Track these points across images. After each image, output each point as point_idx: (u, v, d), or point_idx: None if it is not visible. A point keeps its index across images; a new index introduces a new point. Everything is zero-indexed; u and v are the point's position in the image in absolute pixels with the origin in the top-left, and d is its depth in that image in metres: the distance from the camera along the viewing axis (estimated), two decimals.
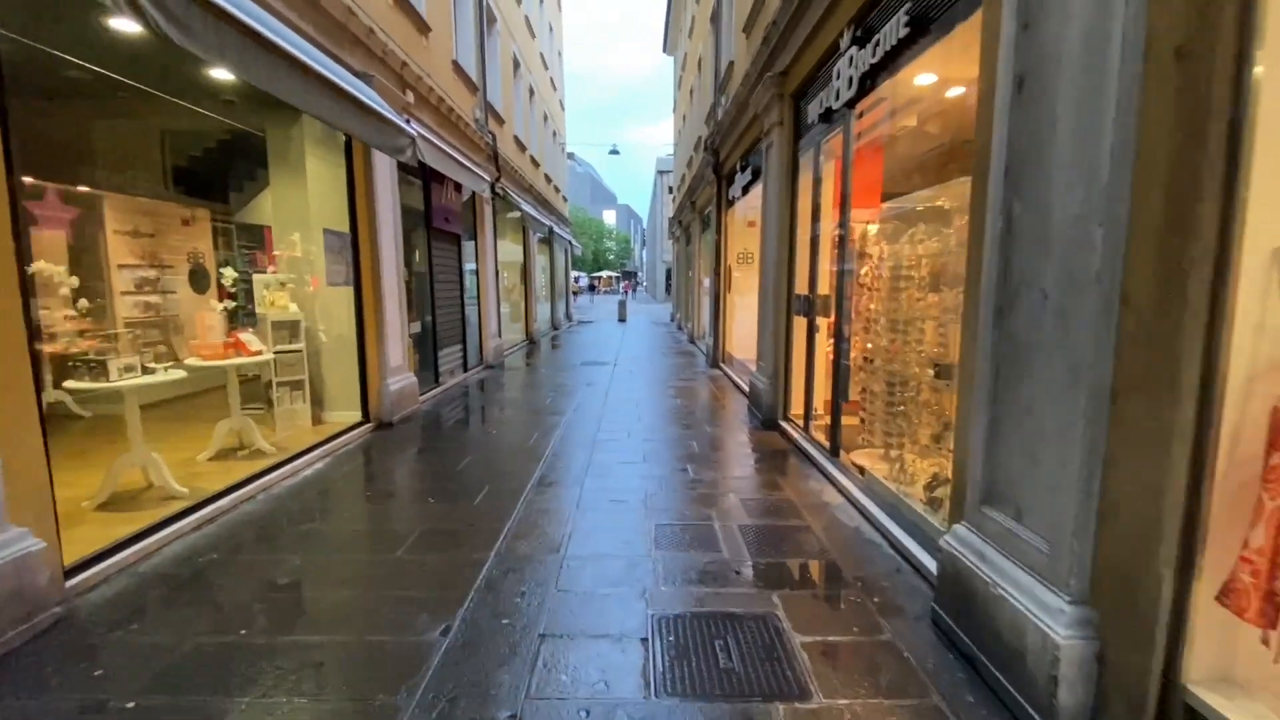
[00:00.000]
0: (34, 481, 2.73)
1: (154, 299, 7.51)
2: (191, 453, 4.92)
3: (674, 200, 23.96)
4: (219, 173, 7.66)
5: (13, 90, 2.79)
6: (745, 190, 8.42)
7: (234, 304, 5.15)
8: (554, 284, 20.32)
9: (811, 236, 5.36)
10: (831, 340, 5.38)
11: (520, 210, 12.44)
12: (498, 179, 11.22)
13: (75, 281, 3.73)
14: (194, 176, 8.11)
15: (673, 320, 23.31)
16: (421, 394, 7.55)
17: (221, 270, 5.16)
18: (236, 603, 2.85)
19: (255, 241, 7.14)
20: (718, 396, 8.17)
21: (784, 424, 6.00)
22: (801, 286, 5.67)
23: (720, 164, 10.26)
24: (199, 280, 7.30)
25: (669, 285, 46.92)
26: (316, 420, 6.12)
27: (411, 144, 5.94)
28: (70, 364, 3.65)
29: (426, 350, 8.25)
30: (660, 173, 42.26)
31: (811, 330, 5.36)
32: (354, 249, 6.02)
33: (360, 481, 4.67)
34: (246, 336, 5.01)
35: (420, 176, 7.98)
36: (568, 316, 23.80)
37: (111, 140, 6.65)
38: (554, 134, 20.63)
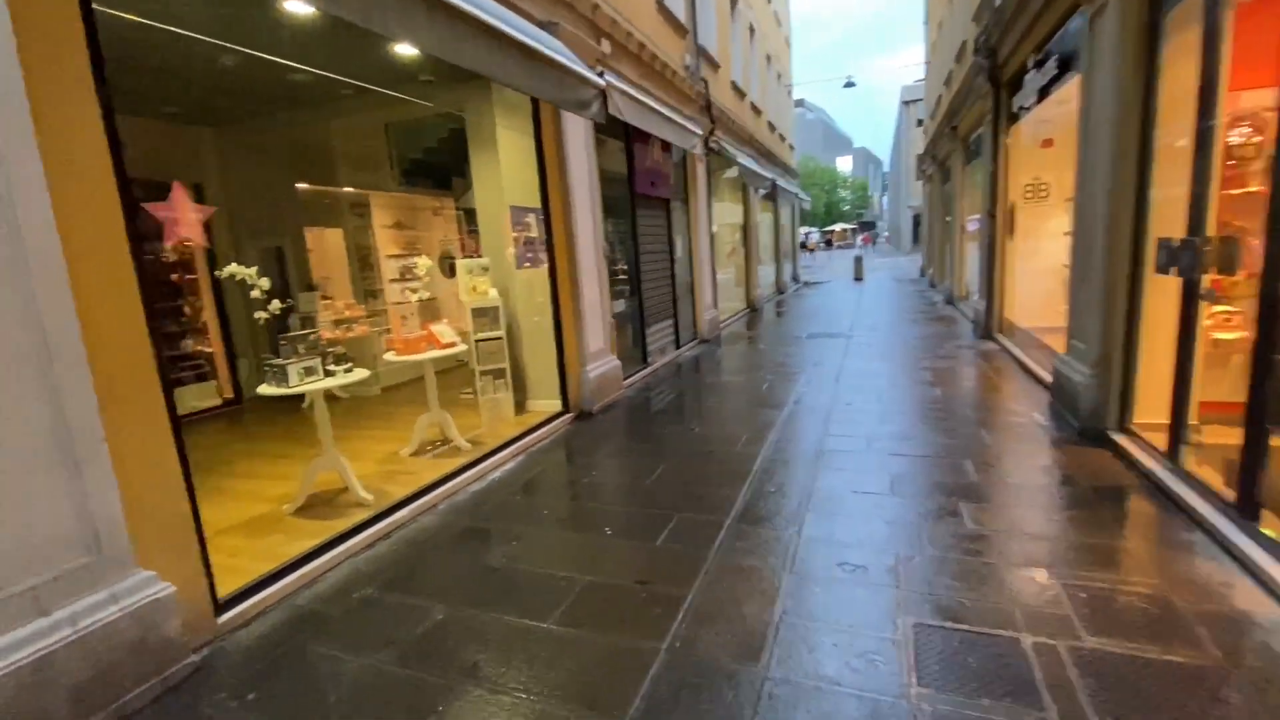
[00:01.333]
0: (170, 513, 2.50)
1: (414, 285, 8.12)
2: (402, 444, 4.89)
3: (925, 133, 20.21)
4: (444, 161, 7.89)
5: (259, 102, 2.49)
6: (1043, 94, 6.00)
7: (427, 295, 4.93)
8: (778, 243, 18.65)
9: (1200, 140, 3.22)
10: (1228, 313, 3.28)
11: (738, 166, 11.17)
12: (711, 132, 10.09)
13: (266, 283, 3.69)
14: (426, 168, 8.54)
15: (923, 275, 19.93)
16: (627, 377, 6.95)
17: (415, 260, 4.97)
18: (360, 671, 2.34)
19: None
20: (995, 384, 6.11)
21: (1121, 439, 3.96)
22: (1170, 225, 3.53)
23: (998, 68, 7.68)
24: (447, 268, 7.60)
25: (916, 234, 41.18)
26: (521, 408, 5.84)
27: (599, 97, 5.12)
28: (263, 367, 3.59)
29: (632, 329, 7.63)
30: (906, 103, 36.71)
31: (1193, 295, 3.27)
32: (546, 225, 5.48)
33: (543, 492, 4.10)
34: (438, 329, 4.76)
35: (622, 136, 7.23)
36: (794, 278, 21.92)
37: (351, 139, 7.11)
38: (778, 76, 18.65)
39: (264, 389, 3.58)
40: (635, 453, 4.80)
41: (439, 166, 8.53)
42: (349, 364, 3.89)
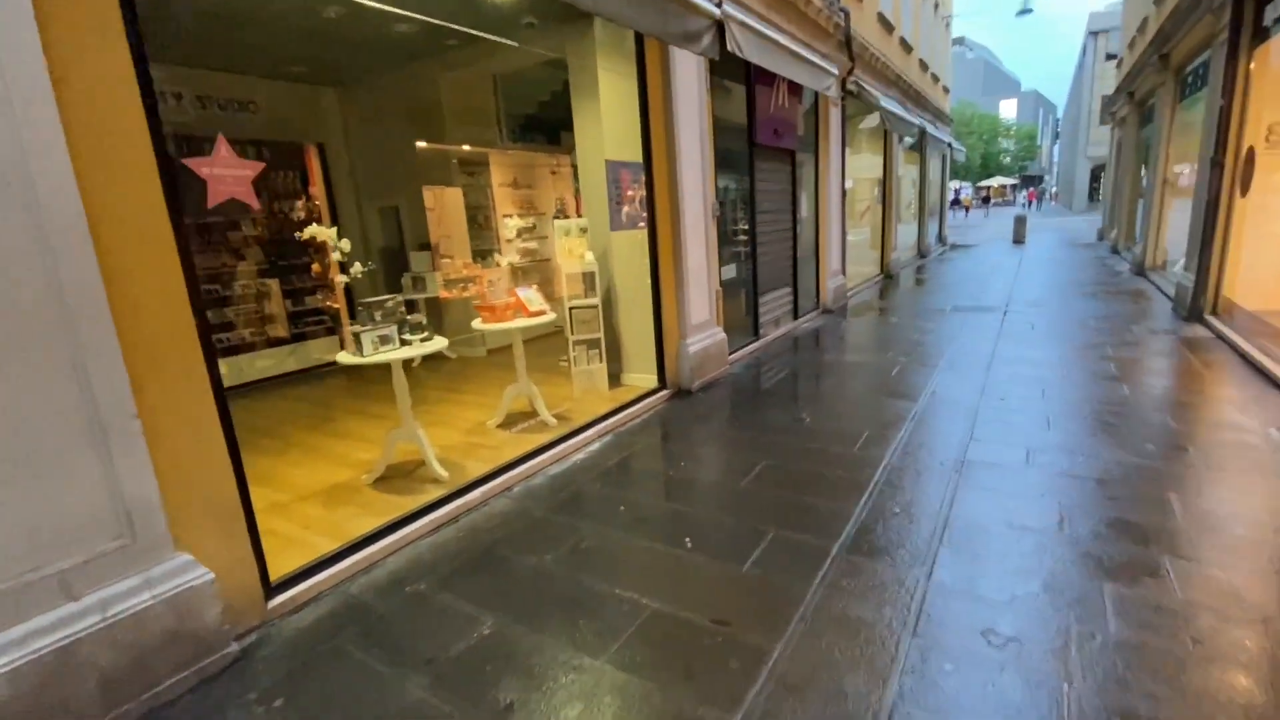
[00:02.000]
0: (215, 494, 2.36)
1: (532, 244, 8.02)
2: (493, 413, 4.70)
3: (1118, 68, 16.83)
4: (559, 116, 7.54)
5: (372, 57, 2.26)
6: None
7: (518, 259, 4.61)
8: (923, 200, 16.61)
9: None
10: None
11: (880, 111, 9.79)
12: (850, 71, 8.85)
13: (347, 246, 3.53)
14: (538, 124, 8.25)
15: (1101, 239, 16.95)
16: (734, 351, 6.33)
17: (505, 220, 4.66)
18: (389, 691, 2.08)
19: None
20: (1207, 384, 4.78)
21: None
22: None
23: None
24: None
25: (1094, 190, 35.42)
26: (616, 381, 5.47)
27: (713, 29, 4.42)
28: (355, 335, 3.44)
29: (743, 297, 6.94)
30: (1094, 34, 31.06)
31: None
32: (648, 181, 4.92)
33: (622, 484, 3.69)
34: (526, 295, 4.44)
35: (741, 78, 6.42)
36: (940, 240, 19.59)
37: (460, 94, 6.93)
38: (935, 6, 16.25)
39: (342, 357, 3.45)
40: (733, 443, 4.24)
41: (552, 122, 8.22)
42: (426, 333, 3.66)
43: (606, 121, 5.04)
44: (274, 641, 2.42)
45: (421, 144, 7.13)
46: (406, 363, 3.66)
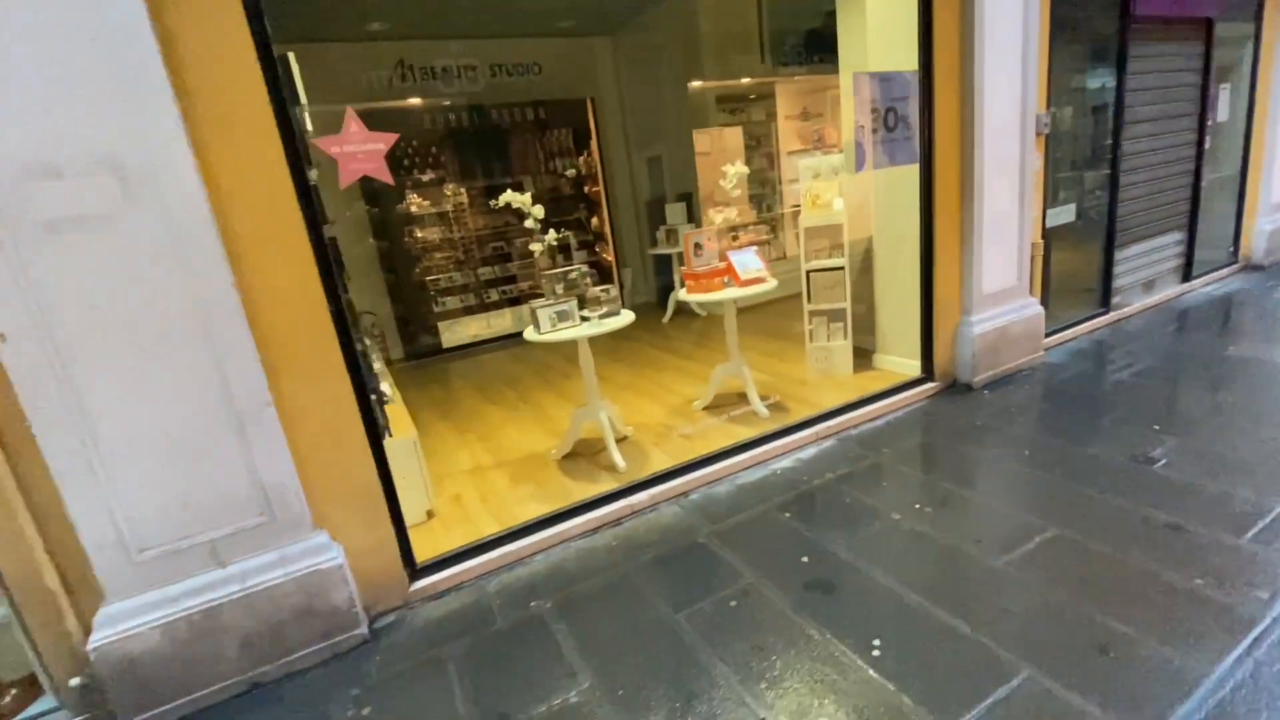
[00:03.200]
0: (354, 478, 2.37)
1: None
2: (702, 391, 4.19)
3: None
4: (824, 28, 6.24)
5: None
6: None
7: (735, 213, 3.85)
8: None
9: None
10: None
11: None
12: None
13: (540, 212, 3.29)
14: (818, 40, 7.01)
15: None
16: (1060, 330, 4.54)
17: (728, 169, 3.89)
18: None
19: None
20: None
21: None
22: None
23: None
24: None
25: None
26: (866, 364, 4.39)
27: None
28: (532, 310, 3.27)
29: (1087, 250, 4.86)
30: None
31: None
32: (925, 97, 3.57)
33: (817, 520, 2.82)
34: (741, 259, 3.68)
35: None
36: None
37: (721, 19, 6.17)
38: None
39: (528, 333, 3.29)
40: (1012, 482, 2.91)
41: (829, 36, 6.87)
42: (606, 309, 3.26)
43: (872, 17, 3.77)
44: (402, 629, 2.41)
45: (695, 83, 6.64)
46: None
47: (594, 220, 7.98)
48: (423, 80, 6.39)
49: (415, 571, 2.61)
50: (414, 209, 6.50)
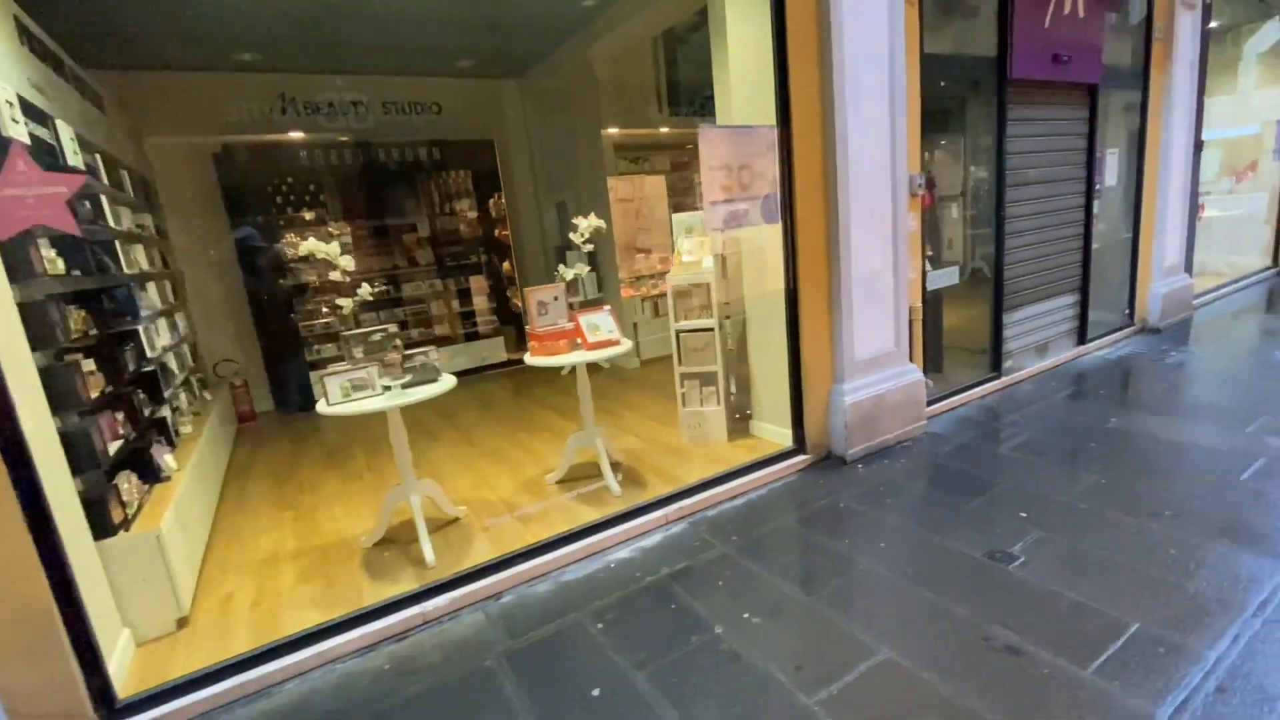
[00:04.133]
0: (20, 599, 1.86)
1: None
2: (555, 464, 3.77)
3: None
4: None
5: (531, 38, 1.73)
6: None
7: (586, 269, 3.53)
8: None
9: None
10: None
11: None
12: None
13: (349, 263, 2.86)
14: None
15: None
16: (944, 397, 4.32)
17: (580, 221, 3.58)
18: None
19: None
20: None
21: None
22: None
23: None
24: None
25: None
26: (741, 432, 4.06)
27: None
28: (322, 378, 2.81)
29: (976, 313, 4.72)
30: None
31: None
32: (783, 152, 3.35)
33: (638, 638, 2.40)
34: (592, 320, 3.33)
35: None
36: None
37: (621, 67, 6.01)
38: None
39: (320, 406, 2.82)
40: (855, 587, 2.55)
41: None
42: (412, 377, 2.84)
43: (734, 68, 3.58)
44: None
45: (607, 130, 6.42)
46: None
47: (505, 265, 7.63)
48: (306, 114, 6.01)
49: (113, 713, 2.07)
50: (290, 250, 6.01)
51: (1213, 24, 7.48)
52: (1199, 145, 5.99)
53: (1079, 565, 2.48)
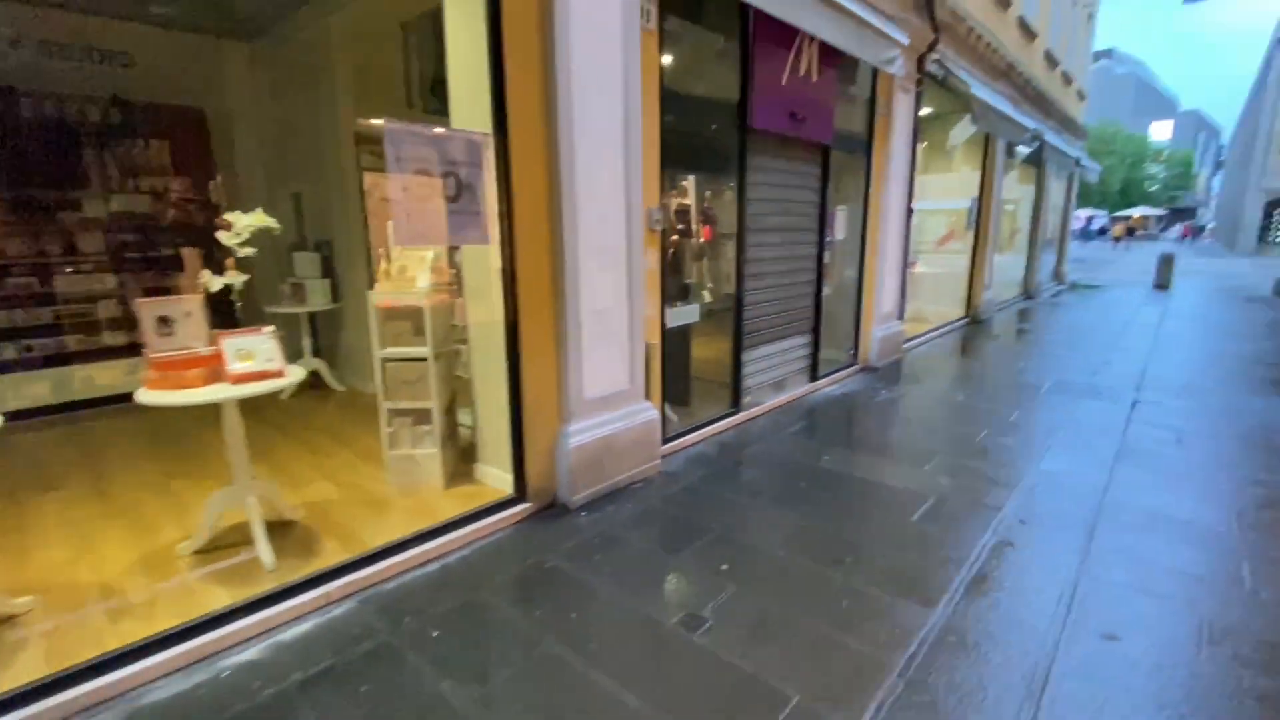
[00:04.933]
0: None
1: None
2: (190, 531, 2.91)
3: None
4: None
5: None
6: None
7: (242, 278, 2.83)
8: (1038, 226, 13.45)
9: None
10: None
11: (971, 100, 7.25)
12: (932, 45, 6.45)
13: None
14: None
15: None
16: (683, 434, 4.27)
17: (232, 216, 2.88)
18: None
19: None
20: None
21: None
22: None
23: None
24: None
25: (1266, 229, 29.50)
26: (466, 477, 3.57)
27: None
28: None
29: (716, 350, 4.83)
30: None
31: None
32: (501, 164, 2.98)
33: None
34: (241, 344, 2.62)
35: (734, 28, 4.33)
36: (1057, 277, 16.15)
37: (360, 48, 5.27)
38: None
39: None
40: (524, 679, 2.19)
41: None
42: None
43: (453, 67, 3.15)
44: None
45: (355, 119, 5.53)
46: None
47: (228, 263, 6.28)
48: None
49: None
50: None
51: (928, 110, 8.90)
52: (910, 210, 6.94)
53: (761, 627, 2.39)
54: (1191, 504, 3.46)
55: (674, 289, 4.54)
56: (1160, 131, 63.26)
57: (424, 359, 3.29)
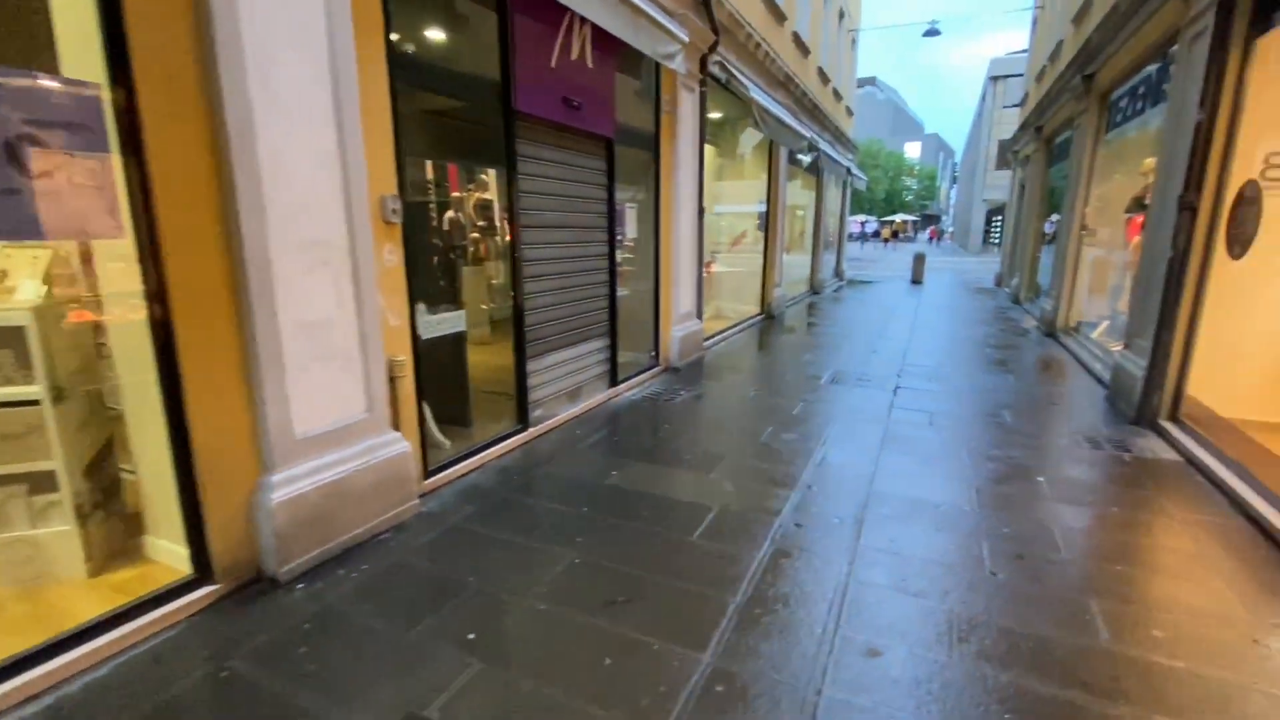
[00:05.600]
0: None
1: None
2: None
3: (1022, 107, 15.93)
4: None
5: None
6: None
7: None
8: (819, 228, 14.85)
9: None
10: None
11: (753, 105, 7.54)
12: (713, 48, 6.51)
13: None
14: None
15: (999, 286, 15.86)
16: (457, 461, 3.67)
17: None
18: None
19: None
20: (1215, 592, 2.56)
21: None
22: None
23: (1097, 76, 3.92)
24: None
25: (988, 233, 36.18)
26: (129, 555, 2.63)
27: None
28: None
29: (498, 359, 4.31)
30: (995, 79, 31.57)
31: None
32: (128, 137, 2.16)
33: None
34: None
35: (497, 3, 3.82)
36: (837, 274, 18.07)
37: None
38: (840, 15, 14.62)
39: None
40: None
41: None
42: None
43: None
44: None
45: None
46: None
47: None
48: None
49: None
50: None
51: (718, 115, 9.16)
52: (701, 210, 7.00)
53: (501, 718, 1.92)
54: (942, 485, 3.68)
55: (439, 292, 3.91)
56: (912, 150, 75.16)
57: (34, 401, 2.32)
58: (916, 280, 16.81)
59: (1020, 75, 19.74)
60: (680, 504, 3.41)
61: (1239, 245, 4.00)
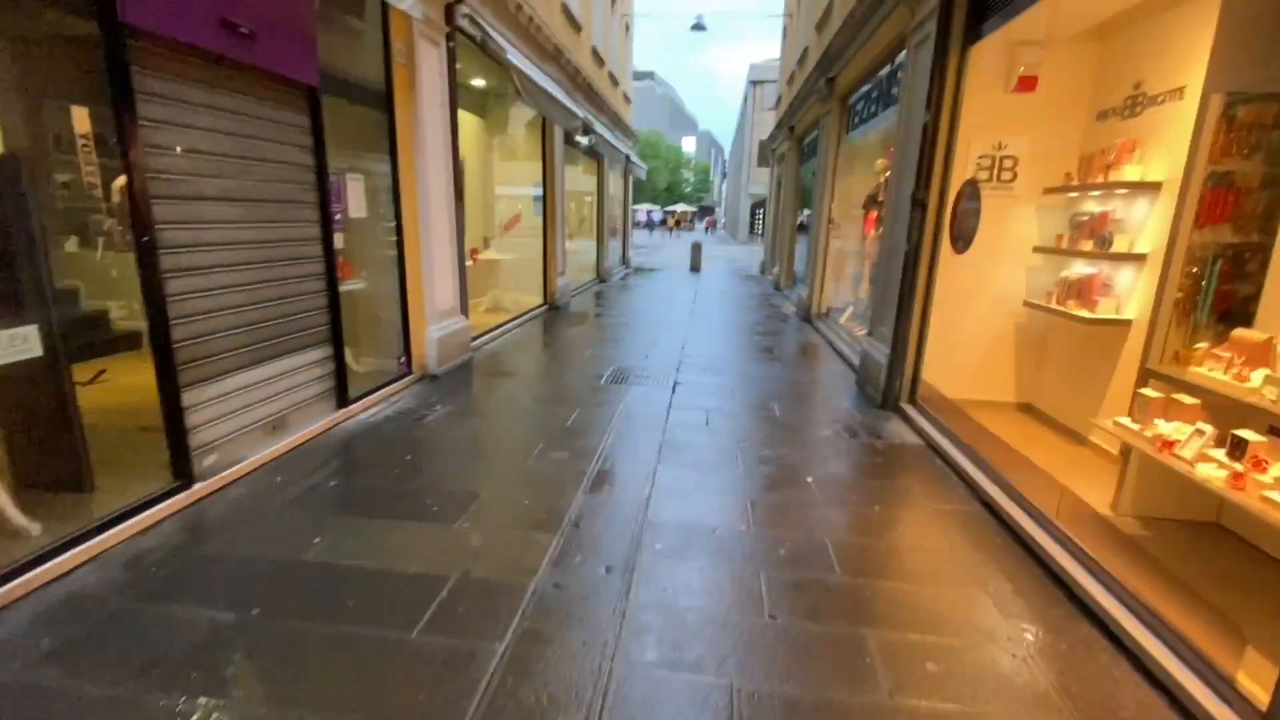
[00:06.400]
0: None
1: None
2: None
3: (777, 109, 17.37)
4: None
5: None
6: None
7: None
8: (602, 216, 14.62)
9: None
10: None
11: (511, 69, 6.73)
12: None
13: None
14: None
15: (764, 274, 17.26)
16: (49, 553, 2.34)
17: None
18: None
19: None
20: (964, 578, 2.52)
21: None
22: None
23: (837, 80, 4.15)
24: None
25: (754, 224, 39.97)
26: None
27: None
28: None
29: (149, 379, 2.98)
30: (754, 83, 34.63)
31: None
32: None
33: None
34: None
35: None
36: (624, 262, 18.18)
37: None
38: (612, 1, 14.37)
39: None
40: None
41: None
42: None
43: None
44: None
45: None
46: None
47: None
48: None
49: None
50: None
51: (482, 82, 8.15)
52: (460, 192, 6.02)
53: None
54: (718, 501, 3.34)
55: None
56: (688, 145, 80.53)
57: None
58: (695, 268, 17.57)
59: (776, 80, 21.74)
60: (405, 579, 2.56)
61: (962, 240, 4.30)
